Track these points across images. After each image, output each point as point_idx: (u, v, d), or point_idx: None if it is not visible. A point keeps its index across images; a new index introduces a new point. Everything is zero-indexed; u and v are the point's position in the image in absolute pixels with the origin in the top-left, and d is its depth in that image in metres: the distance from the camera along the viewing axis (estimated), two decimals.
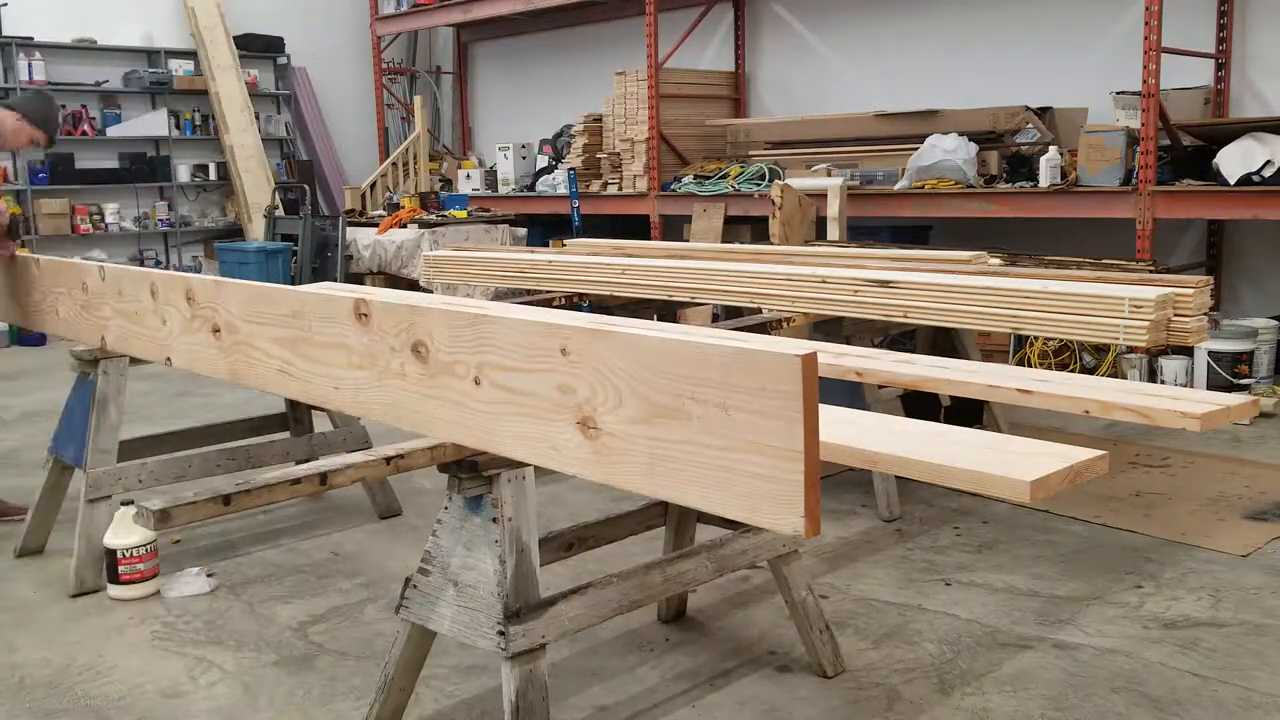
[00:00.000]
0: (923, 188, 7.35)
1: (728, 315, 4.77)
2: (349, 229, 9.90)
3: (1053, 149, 6.92)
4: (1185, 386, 6.12)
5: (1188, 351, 6.22)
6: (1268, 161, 6.04)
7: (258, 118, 11.65)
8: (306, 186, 10.68)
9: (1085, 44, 7.75)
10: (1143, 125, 6.45)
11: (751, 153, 8.79)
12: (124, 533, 3.75)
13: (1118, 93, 7.07)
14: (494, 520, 2.44)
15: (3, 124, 4.50)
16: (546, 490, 4.62)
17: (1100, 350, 6.66)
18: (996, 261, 5.00)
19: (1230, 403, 2.77)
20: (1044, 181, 6.87)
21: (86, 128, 10.74)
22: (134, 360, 3.83)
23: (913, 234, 7.92)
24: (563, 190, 9.69)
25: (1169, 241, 7.44)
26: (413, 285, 8.88)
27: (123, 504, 3.81)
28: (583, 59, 11.22)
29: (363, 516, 4.56)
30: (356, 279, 9.65)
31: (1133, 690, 2.99)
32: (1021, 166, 7.09)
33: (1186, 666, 3.12)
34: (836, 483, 4.77)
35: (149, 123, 11.11)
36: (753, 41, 9.97)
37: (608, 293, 5.12)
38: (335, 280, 9.03)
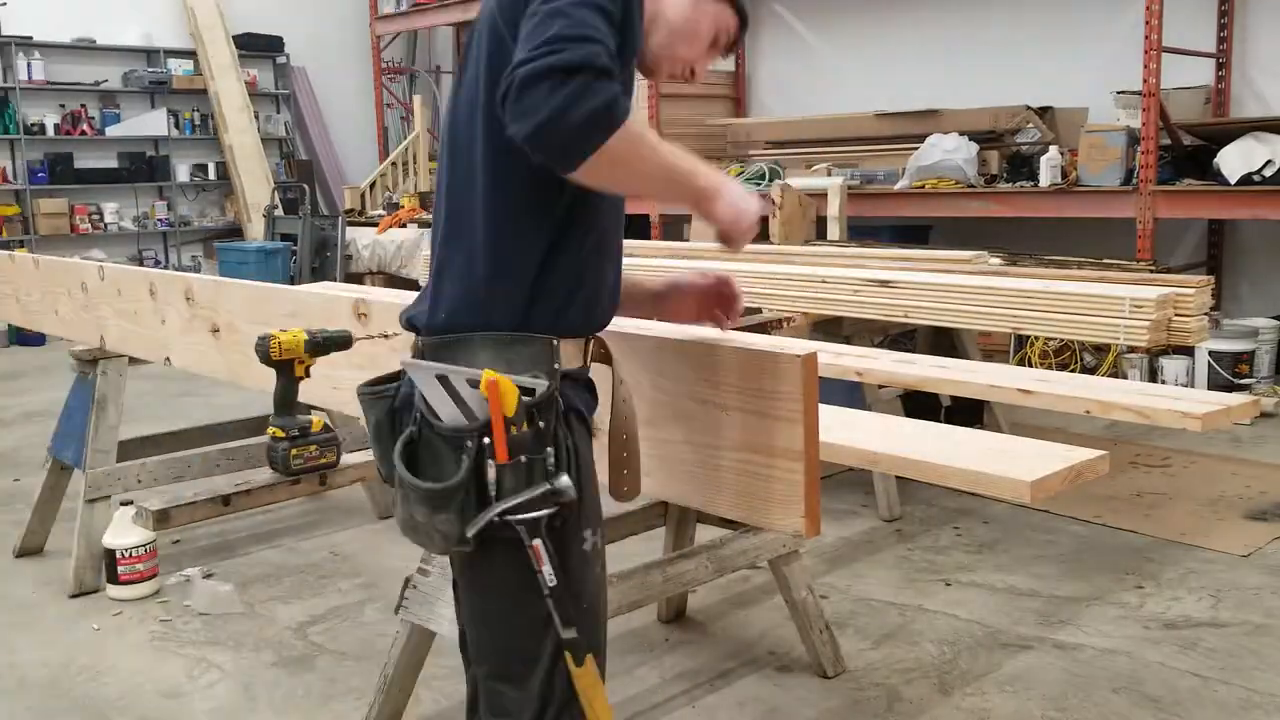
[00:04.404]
0: (923, 187, 7.34)
1: None
2: (348, 229, 9.90)
3: (1053, 149, 6.91)
4: (1186, 386, 6.11)
5: (1188, 351, 6.21)
6: (1268, 161, 6.03)
7: (257, 117, 11.64)
8: (306, 186, 10.67)
9: (1085, 44, 7.74)
10: (1143, 125, 6.44)
11: (751, 153, 8.78)
12: (123, 533, 3.74)
13: (1118, 92, 7.06)
14: None
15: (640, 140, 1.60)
16: None
17: (1101, 350, 6.65)
18: (996, 261, 5.00)
19: (1231, 403, 2.77)
20: (1044, 181, 6.87)
21: (86, 127, 10.73)
22: (134, 360, 3.83)
23: (913, 234, 7.92)
24: None
25: (1169, 241, 7.43)
26: (413, 285, 8.88)
27: (122, 504, 3.80)
28: None
29: (363, 516, 4.55)
30: (356, 279, 9.65)
31: (1133, 690, 2.99)
32: (1022, 166, 7.08)
33: (1187, 666, 3.12)
34: (836, 483, 4.77)
35: (148, 122, 11.09)
36: (753, 41, 9.95)
37: None
38: (335, 280, 9.02)
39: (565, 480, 1.58)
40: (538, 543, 1.57)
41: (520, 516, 1.55)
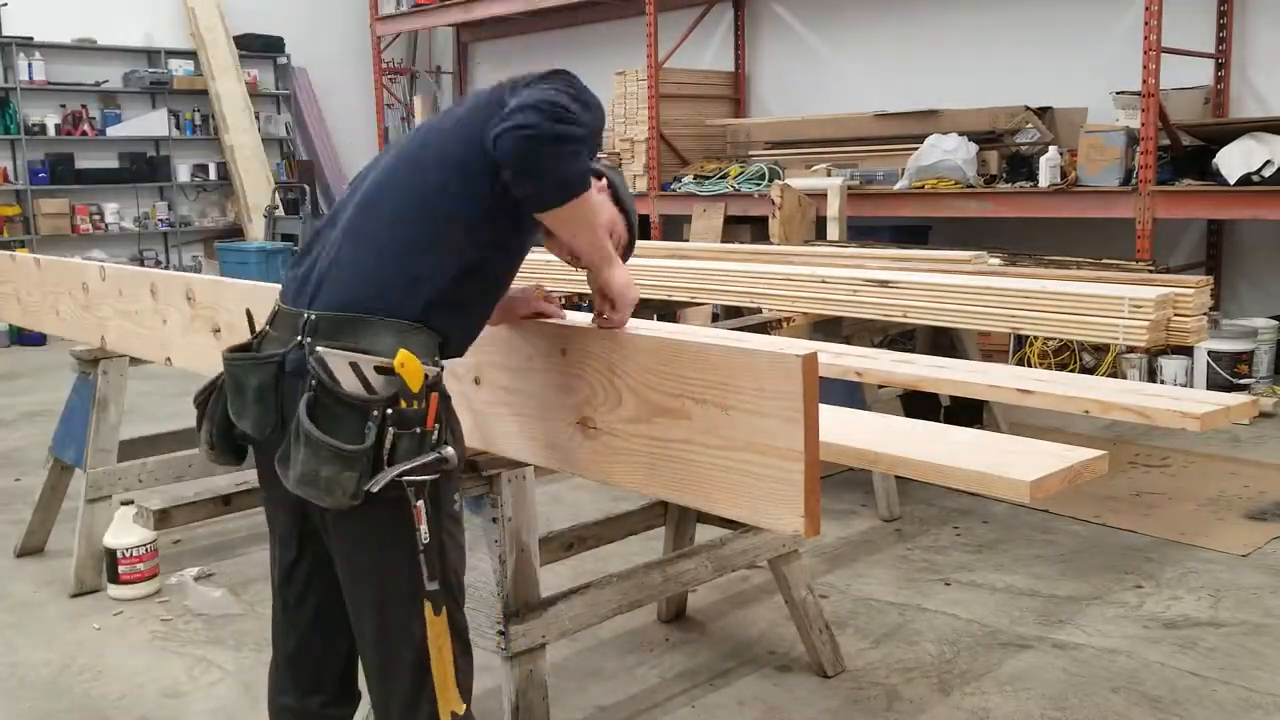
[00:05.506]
0: (923, 188, 7.35)
1: (728, 315, 4.77)
2: None
3: (1053, 149, 6.92)
4: (1185, 386, 6.12)
5: (1187, 351, 6.22)
6: (1267, 161, 6.03)
7: (258, 118, 11.65)
8: (306, 186, 10.67)
9: (1085, 44, 7.74)
10: (1142, 125, 6.44)
11: (751, 153, 8.79)
12: (124, 533, 3.75)
13: (1118, 93, 7.06)
14: (494, 520, 2.44)
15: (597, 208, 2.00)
16: (546, 490, 4.62)
17: (1100, 350, 6.66)
18: (996, 261, 5.00)
19: (1230, 402, 2.77)
20: (1044, 181, 6.87)
21: (86, 128, 10.74)
22: (134, 360, 3.83)
23: (913, 234, 7.92)
24: None
25: (1169, 241, 7.44)
26: None
27: (123, 504, 3.81)
28: (583, 59, 11.20)
29: None
30: None
31: (1133, 690, 2.99)
32: (1021, 166, 7.08)
33: (1186, 666, 3.12)
34: (836, 483, 4.77)
35: (149, 123, 11.11)
36: (753, 41, 9.96)
37: None
38: None
39: (450, 450, 1.79)
40: (420, 504, 1.76)
41: (413, 478, 1.75)
